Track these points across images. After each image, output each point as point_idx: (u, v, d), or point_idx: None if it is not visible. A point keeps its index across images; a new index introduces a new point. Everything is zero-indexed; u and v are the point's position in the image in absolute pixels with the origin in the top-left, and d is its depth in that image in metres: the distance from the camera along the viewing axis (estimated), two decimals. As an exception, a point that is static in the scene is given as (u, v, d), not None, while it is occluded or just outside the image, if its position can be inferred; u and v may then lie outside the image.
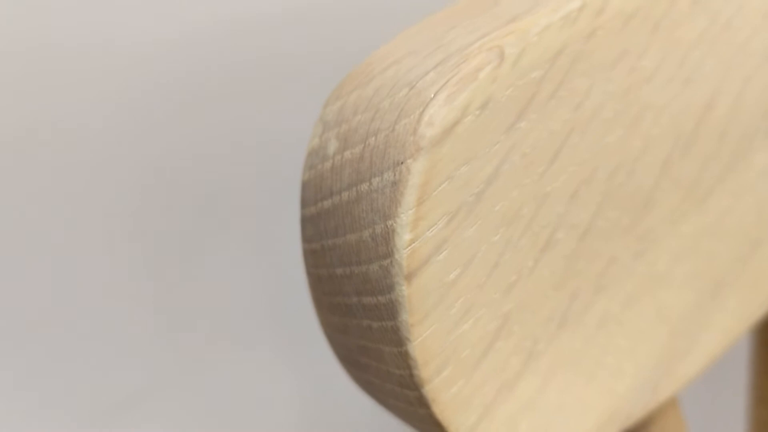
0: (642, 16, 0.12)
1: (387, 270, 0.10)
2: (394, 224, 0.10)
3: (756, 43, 0.15)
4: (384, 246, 0.10)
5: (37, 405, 0.31)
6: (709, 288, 0.16)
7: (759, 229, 0.17)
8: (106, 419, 0.34)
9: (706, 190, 0.15)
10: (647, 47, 0.13)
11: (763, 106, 0.16)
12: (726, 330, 0.17)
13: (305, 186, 0.11)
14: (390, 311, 0.10)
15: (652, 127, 0.13)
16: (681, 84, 0.14)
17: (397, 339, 0.10)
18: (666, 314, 0.15)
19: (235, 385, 0.38)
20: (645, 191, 0.13)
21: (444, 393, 0.11)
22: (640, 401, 0.15)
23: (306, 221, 0.12)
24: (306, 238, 0.12)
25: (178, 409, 0.36)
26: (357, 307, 0.11)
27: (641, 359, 0.15)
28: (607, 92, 0.12)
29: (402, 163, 0.10)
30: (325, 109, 0.11)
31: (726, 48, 0.15)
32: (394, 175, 0.10)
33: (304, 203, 0.11)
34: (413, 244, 0.10)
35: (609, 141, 0.12)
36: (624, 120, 0.13)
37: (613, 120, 0.12)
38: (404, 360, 0.10)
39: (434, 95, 0.10)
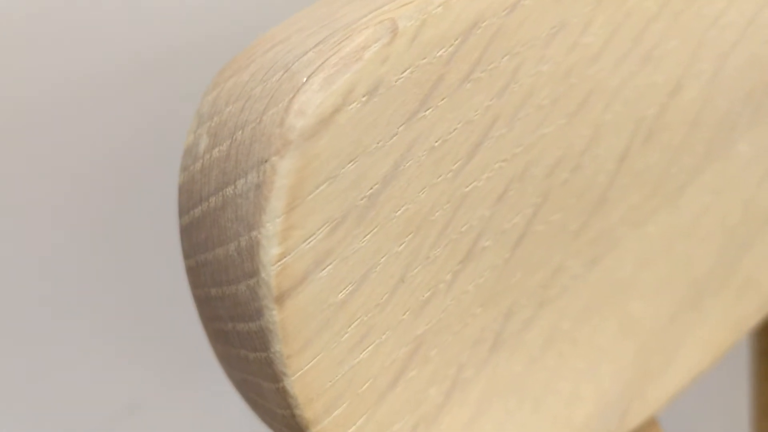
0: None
1: (254, 291, 0.08)
2: (259, 235, 0.08)
3: (732, 14, 0.13)
4: (249, 262, 0.08)
5: (15, 420, 0.30)
6: (688, 296, 0.14)
7: (746, 229, 0.15)
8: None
9: (678, 186, 0.13)
10: (592, 19, 0.11)
11: (744, 88, 0.14)
12: (709, 344, 0.15)
13: (180, 191, 0.10)
14: (262, 341, 0.08)
15: (602, 113, 0.11)
16: (638, 63, 0.12)
17: (272, 373, 0.09)
18: (633, 328, 0.13)
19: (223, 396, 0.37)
20: (596, 189, 0.12)
21: None
22: (605, 431, 0.13)
23: (182, 233, 0.10)
24: (184, 254, 0.10)
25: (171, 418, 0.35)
26: (233, 335, 0.09)
27: (604, 382, 0.13)
28: (541, 74, 0.10)
29: (266, 161, 0.08)
30: (202, 100, 0.10)
31: (695, 21, 0.13)
32: (258, 176, 0.08)
33: (180, 211, 0.10)
34: (284, 260, 0.08)
35: (546, 131, 0.11)
36: (566, 106, 0.11)
37: (551, 107, 0.11)
38: (283, 398, 0.09)
39: (307, 79, 0.08)
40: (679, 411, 0.28)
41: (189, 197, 0.09)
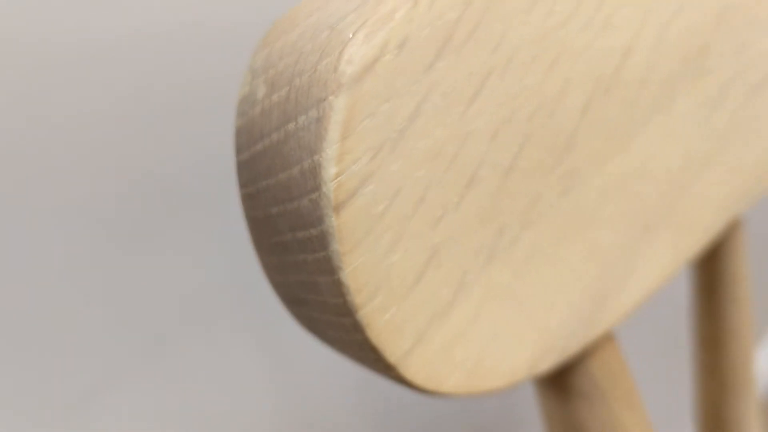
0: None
1: (316, 203, 0.11)
2: (320, 159, 0.10)
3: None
4: (312, 180, 0.11)
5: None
6: (639, 228, 0.17)
7: (685, 173, 0.18)
8: (71, 409, 0.34)
9: (629, 134, 0.16)
10: (562, -8, 0.13)
11: (683, 52, 0.17)
12: (657, 268, 0.18)
13: (238, 132, 0.12)
14: (322, 242, 0.11)
15: (569, 71, 0.14)
16: (598, 29, 0.14)
17: (330, 268, 0.11)
18: (596, 251, 0.16)
19: (203, 371, 0.39)
20: (566, 133, 0.14)
21: (377, 319, 0.11)
22: (574, 335, 0.16)
23: (241, 167, 0.12)
24: (242, 184, 0.12)
25: (146, 395, 0.36)
26: (292, 243, 0.11)
27: (573, 295, 0.15)
28: (524, 36, 0.13)
29: (325, 99, 0.10)
30: (254, 58, 0.12)
31: None
32: (318, 112, 0.10)
33: (238, 149, 0.12)
34: (339, 178, 0.10)
35: (527, 83, 0.13)
36: (542, 64, 0.13)
37: (531, 63, 0.13)
38: (338, 288, 0.11)
39: (353, 35, 0.11)
40: (629, 340, 0.31)
41: (249, 136, 0.12)
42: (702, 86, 0.18)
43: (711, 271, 0.24)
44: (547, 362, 0.15)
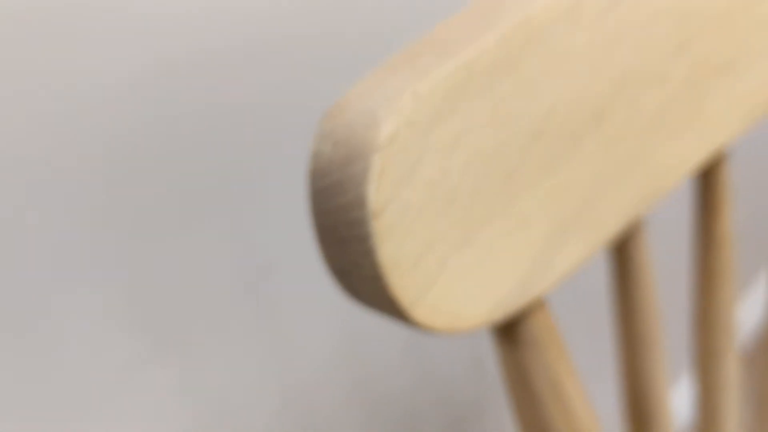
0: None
1: (362, 215, 0.19)
2: (365, 190, 0.18)
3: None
4: (360, 202, 0.19)
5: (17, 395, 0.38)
6: (562, 225, 0.25)
7: (595, 189, 0.27)
8: (93, 399, 0.41)
9: (559, 164, 0.25)
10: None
11: (587, 111, 0.25)
12: (575, 254, 0.26)
13: (313, 172, 0.20)
14: (366, 238, 0.19)
15: (503, 135, 0.22)
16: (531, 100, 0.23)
17: (370, 254, 0.19)
18: (534, 241, 0.24)
19: (214, 365, 0.46)
20: (511, 168, 0.23)
21: (397, 285, 0.19)
22: (517, 295, 0.24)
23: (314, 193, 0.20)
24: (314, 202, 0.20)
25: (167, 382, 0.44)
26: (348, 238, 0.19)
27: (517, 270, 0.24)
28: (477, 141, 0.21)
29: (369, 157, 0.18)
30: (321, 126, 0.20)
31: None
32: (364, 163, 0.19)
33: (313, 182, 0.20)
34: (376, 199, 0.19)
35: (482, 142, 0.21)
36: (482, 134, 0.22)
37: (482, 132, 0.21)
38: (374, 266, 0.19)
39: (382, 121, 0.19)
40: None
41: (321, 175, 0.20)
42: (604, 132, 0.26)
43: (621, 259, 0.32)
44: (499, 314, 0.23)
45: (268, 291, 0.48)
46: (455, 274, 0.21)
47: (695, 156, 0.29)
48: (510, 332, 0.26)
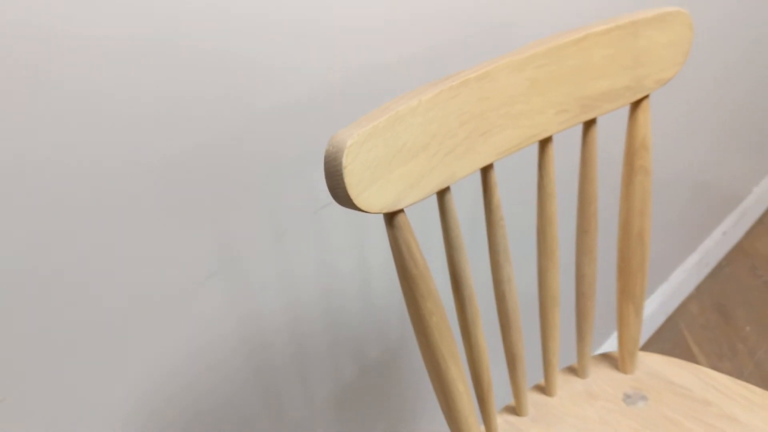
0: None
1: (341, 176, 0.59)
2: (342, 168, 0.59)
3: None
4: (341, 171, 0.59)
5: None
6: (420, 178, 0.65)
7: (449, 163, 0.67)
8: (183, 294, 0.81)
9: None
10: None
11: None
12: (427, 190, 0.66)
13: (325, 162, 0.60)
14: (341, 180, 0.59)
15: (432, 126, 0.62)
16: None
17: (343, 186, 0.59)
18: (409, 181, 0.64)
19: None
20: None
21: (354, 193, 0.59)
22: (395, 203, 0.64)
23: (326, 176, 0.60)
24: (327, 182, 0.60)
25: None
26: (340, 188, 0.60)
27: (398, 190, 0.63)
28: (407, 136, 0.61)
29: (342, 155, 0.58)
30: (329, 142, 0.60)
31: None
32: (343, 158, 0.59)
33: (326, 169, 0.60)
34: (346, 170, 0.58)
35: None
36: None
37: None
38: (345, 187, 0.59)
39: (349, 141, 0.59)
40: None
41: (328, 156, 0.60)
42: (465, 133, 0.66)
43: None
44: (387, 209, 0.63)
45: (322, 218, 0.88)
46: (374, 191, 0.61)
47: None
48: (390, 219, 0.65)
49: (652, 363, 0.90)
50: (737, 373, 1.82)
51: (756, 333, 1.94)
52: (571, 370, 0.91)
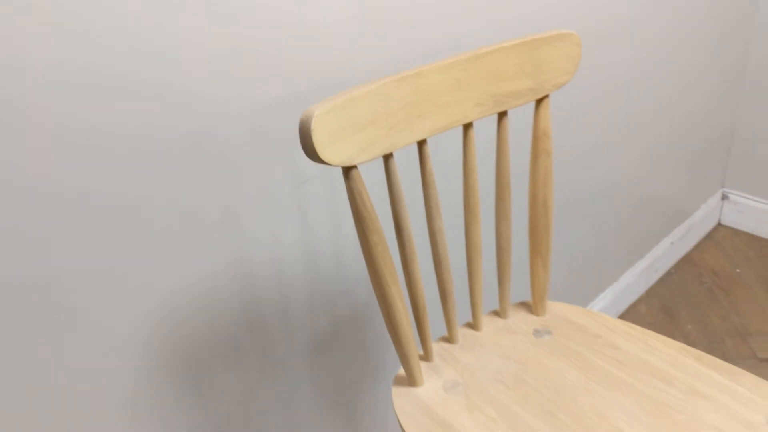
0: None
1: (310, 134, 0.84)
2: (311, 130, 0.84)
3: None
4: (309, 132, 0.84)
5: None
6: (371, 142, 0.90)
7: (395, 132, 0.92)
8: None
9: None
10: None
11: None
12: (377, 151, 0.91)
13: (300, 125, 0.86)
14: (310, 137, 0.84)
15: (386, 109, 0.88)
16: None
17: (312, 144, 0.84)
18: (363, 143, 0.89)
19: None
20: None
21: (320, 150, 0.85)
22: (351, 158, 0.89)
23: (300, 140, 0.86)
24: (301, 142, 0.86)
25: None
26: (308, 143, 0.85)
27: (355, 149, 0.88)
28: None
29: (312, 118, 0.84)
30: (303, 113, 0.86)
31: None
32: (312, 123, 0.84)
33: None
34: (314, 132, 0.84)
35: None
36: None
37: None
38: (312, 145, 0.84)
39: (316, 111, 0.84)
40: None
41: (302, 122, 0.85)
42: (408, 111, 0.92)
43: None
44: (345, 163, 0.88)
45: (304, 192, 1.13)
46: (334, 150, 0.87)
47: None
48: (346, 172, 0.91)
49: (559, 309, 1.15)
50: None
51: (696, 331, 2.19)
52: (495, 313, 1.16)
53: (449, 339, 1.10)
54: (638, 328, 1.09)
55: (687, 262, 2.48)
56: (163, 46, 0.89)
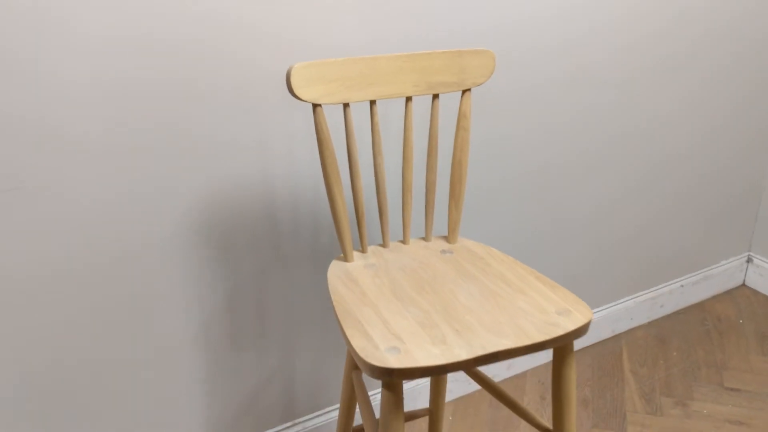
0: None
1: (290, 80, 1.43)
2: (291, 79, 1.43)
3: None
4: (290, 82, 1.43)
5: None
6: (348, 91, 1.47)
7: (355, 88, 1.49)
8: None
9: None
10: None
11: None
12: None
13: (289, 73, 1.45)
14: (290, 82, 1.43)
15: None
16: None
17: (292, 86, 1.43)
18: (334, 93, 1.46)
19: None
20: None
21: (297, 91, 1.43)
22: (319, 100, 1.46)
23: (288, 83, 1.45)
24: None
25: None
26: (289, 84, 1.44)
27: (324, 95, 1.45)
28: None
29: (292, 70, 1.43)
30: (290, 67, 1.45)
31: None
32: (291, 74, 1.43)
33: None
34: (292, 78, 1.42)
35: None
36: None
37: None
38: (291, 88, 1.43)
39: (295, 65, 1.43)
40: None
41: (288, 73, 1.44)
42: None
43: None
44: (318, 102, 1.45)
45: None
46: (305, 91, 1.44)
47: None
48: (314, 108, 1.48)
49: (468, 243, 1.64)
50: (648, 376, 2.40)
51: (679, 356, 2.51)
52: (421, 238, 1.67)
53: (383, 245, 1.62)
54: (519, 263, 1.56)
55: (698, 307, 2.79)
56: None
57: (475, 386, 2.29)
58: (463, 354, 1.21)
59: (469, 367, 1.21)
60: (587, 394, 2.30)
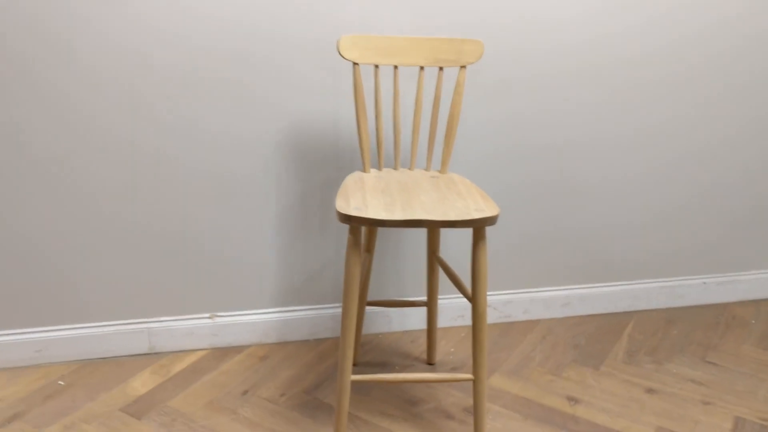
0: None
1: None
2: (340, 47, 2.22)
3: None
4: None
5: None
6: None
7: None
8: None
9: None
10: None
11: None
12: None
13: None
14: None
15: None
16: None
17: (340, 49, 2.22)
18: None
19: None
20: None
21: (343, 51, 2.22)
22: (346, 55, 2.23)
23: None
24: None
25: None
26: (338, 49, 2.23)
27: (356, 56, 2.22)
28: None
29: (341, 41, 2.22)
30: (340, 38, 2.25)
31: None
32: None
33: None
34: (340, 44, 2.21)
35: None
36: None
37: None
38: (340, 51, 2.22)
39: (342, 38, 2.22)
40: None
41: (339, 43, 2.23)
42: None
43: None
44: (357, 61, 2.23)
45: None
46: (349, 53, 2.23)
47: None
48: (354, 66, 2.25)
49: (454, 175, 2.33)
50: (641, 342, 2.86)
51: (678, 333, 2.92)
52: (424, 169, 2.39)
53: (394, 168, 2.36)
54: (477, 187, 2.23)
55: (719, 306, 3.16)
56: None
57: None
58: (398, 217, 1.92)
59: (399, 225, 1.91)
60: (581, 342, 2.82)
